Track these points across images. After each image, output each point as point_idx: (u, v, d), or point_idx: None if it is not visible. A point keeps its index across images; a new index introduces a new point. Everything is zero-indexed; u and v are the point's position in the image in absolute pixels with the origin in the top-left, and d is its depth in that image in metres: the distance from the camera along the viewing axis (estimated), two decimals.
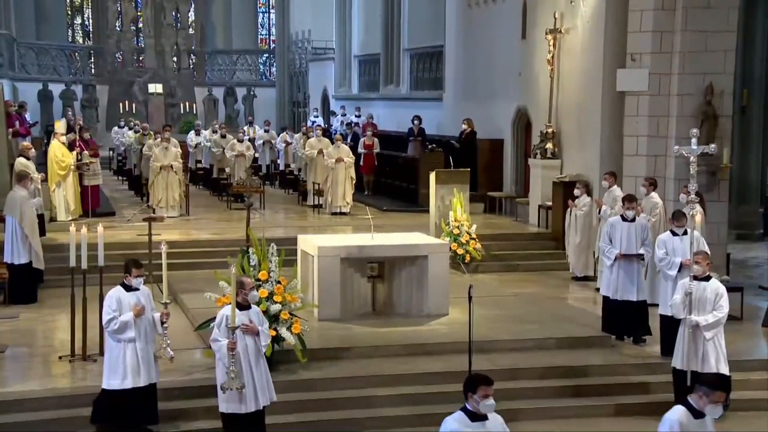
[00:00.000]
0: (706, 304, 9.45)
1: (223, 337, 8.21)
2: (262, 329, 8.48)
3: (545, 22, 18.10)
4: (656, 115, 15.24)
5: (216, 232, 16.99)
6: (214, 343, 8.31)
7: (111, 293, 8.84)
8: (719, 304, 9.46)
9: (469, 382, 6.36)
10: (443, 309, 12.06)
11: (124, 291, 8.84)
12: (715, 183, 15.13)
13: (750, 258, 17.94)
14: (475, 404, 6.25)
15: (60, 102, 36.61)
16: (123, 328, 8.67)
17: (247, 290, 8.46)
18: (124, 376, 8.67)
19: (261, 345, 8.45)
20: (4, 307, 13.03)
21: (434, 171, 16.80)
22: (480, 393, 6.23)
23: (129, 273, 8.89)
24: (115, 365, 8.70)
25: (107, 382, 8.76)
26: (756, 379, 10.78)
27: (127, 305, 8.73)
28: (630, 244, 11.47)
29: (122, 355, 8.69)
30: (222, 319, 8.32)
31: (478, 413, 6.25)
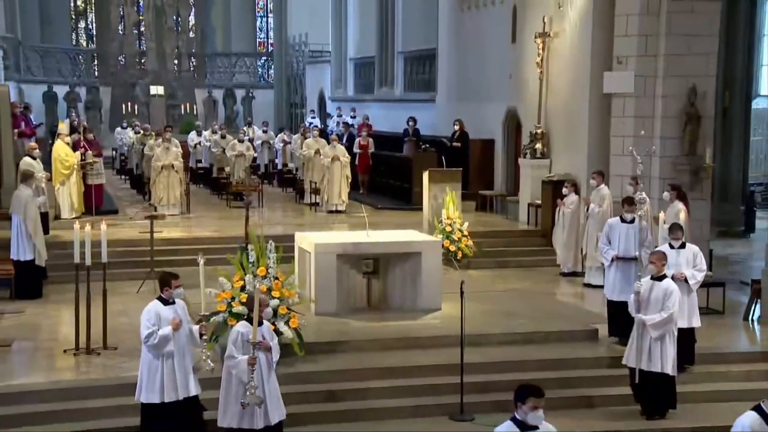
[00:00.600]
0: (657, 303, 9.39)
1: (238, 354, 8.01)
2: (273, 343, 8.32)
3: (534, 26, 18.12)
4: (642, 116, 15.27)
5: (216, 229, 16.99)
6: (230, 359, 8.07)
7: (149, 308, 8.43)
8: (666, 305, 9.37)
9: (519, 392, 6.04)
10: (436, 304, 12.08)
11: (161, 305, 8.45)
12: (698, 182, 15.17)
13: (732, 254, 17.99)
14: (524, 415, 5.98)
15: (64, 103, 36.56)
16: (163, 342, 8.30)
17: (262, 307, 8.30)
18: (162, 390, 8.36)
19: (272, 360, 8.25)
20: (11, 302, 13.02)
21: (427, 170, 16.83)
22: (529, 404, 5.95)
23: (168, 286, 8.51)
24: (153, 379, 8.37)
25: (145, 396, 8.44)
26: (736, 371, 10.84)
27: (166, 319, 8.36)
28: (628, 246, 11.32)
29: (160, 369, 8.36)
30: (237, 336, 8.11)
31: (527, 424, 5.98)
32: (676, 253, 10.47)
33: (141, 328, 8.37)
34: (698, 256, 10.51)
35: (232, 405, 8.12)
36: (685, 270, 10.36)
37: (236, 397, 8.06)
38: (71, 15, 40.90)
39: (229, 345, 8.16)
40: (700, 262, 10.54)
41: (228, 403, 8.17)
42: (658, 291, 9.44)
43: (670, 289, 9.45)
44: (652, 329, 9.37)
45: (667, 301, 9.39)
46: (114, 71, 38.76)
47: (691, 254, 10.51)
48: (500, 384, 10.05)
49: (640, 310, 9.44)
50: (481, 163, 20.65)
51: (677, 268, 10.31)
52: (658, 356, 9.39)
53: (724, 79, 19.67)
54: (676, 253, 10.46)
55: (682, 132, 15.09)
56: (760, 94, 25.59)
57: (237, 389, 8.06)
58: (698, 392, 10.37)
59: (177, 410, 8.43)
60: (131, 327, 11.64)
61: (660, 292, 9.42)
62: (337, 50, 33.82)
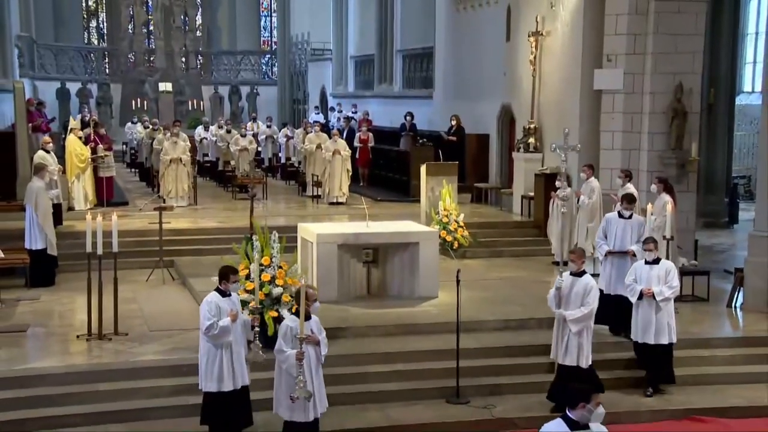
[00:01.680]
0: (578, 298, 9.20)
1: (288, 348, 7.91)
2: (321, 337, 8.18)
3: (528, 26, 18.08)
4: (630, 112, 15.23)
5: (222, 220, 16.97)
6: (280, 353, 7.97)
7: (209, 299, 8.31)
8: (587, 300, 9.16)
9: (579, 393, 5.84)
10: (433, 292, 12.07)
11: (220, 297, 8.34)
12: (684, 175, 15.15)
13: (716, 244, 18.00)
14: (587, 414, 5.76)
15: (76, 99, 36.51)
16: (223, 333, 8.19)
17: (310, 302, 8.09)
18: (221, 379, 8.27)
19: (320, 354, 8.17)
20: (26, 290, 13.01)
21: (425, 164, 16.79)
22: (594, 402, 5.78)
23: (227, 280, 8.40)
24: (212, 369, 8.27)
25: (205, 385, 8.34)
26: (721, 355, 10.84)
27: (224, 311, 8.26)
28: (624, 241, 10.97)
29: (219, 359, 8.27)
30: (286, 330, 8.01)
31: (580, 423, 5.76)
32: (649, 268, 9.91)
33: (201, 318, 8.25)
34: (671, 273, 9.88)
35: (283, 397, 8.05)
36: (655, 287, 9.77)
37: (287, 390, 7.96)
38: (83, 15, 40.87)
39: (278, 339, 8.03)
40: (672, 278, 9.86)
41: (279, 395, 8.10)
42: (578, 287, 9.20)
43: (590, 285, 9.22)
44: (573, 324, 9.16)
45: (587, 296, 9.16)
46: (124, 69, 38.76)
47: (664, 271, 9.89)
48: (494, 368, 10.07)
49: (560, 306, 9.26)
50: (476, 157, 20.63)
51: (648, 283, 9.82)
52: (575, 350, 9.20)
53: (710, 77, 19.63)
54: (649, 268, 9.91)
55: (669, 127, 15.06)
56: (744, 90, 25.57)
57: (287, 382, 7.98)
58: (684, 376, 10.36)
59: (233, 399, 8.34)
60: (141, 314, 11.68)
61: (580, 288, 9.19)
62: (338, 48, 33.77)
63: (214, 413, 8.38)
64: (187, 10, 39.67)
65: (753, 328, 11.58)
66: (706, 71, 17.85)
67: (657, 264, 9.92)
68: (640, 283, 9.87)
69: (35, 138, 19.10)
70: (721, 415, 9.58)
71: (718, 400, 9.89)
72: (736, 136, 22.44)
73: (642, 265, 9.98)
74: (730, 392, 10.11)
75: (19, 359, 9.79)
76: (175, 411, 9.04)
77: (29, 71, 34.44)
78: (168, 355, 9.97)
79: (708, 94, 19.66)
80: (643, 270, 9.92)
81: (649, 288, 9.76)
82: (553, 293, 9.36)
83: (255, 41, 42.98)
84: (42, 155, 15.27)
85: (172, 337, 10.61)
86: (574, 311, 9.21)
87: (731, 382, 10.35)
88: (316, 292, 8.40)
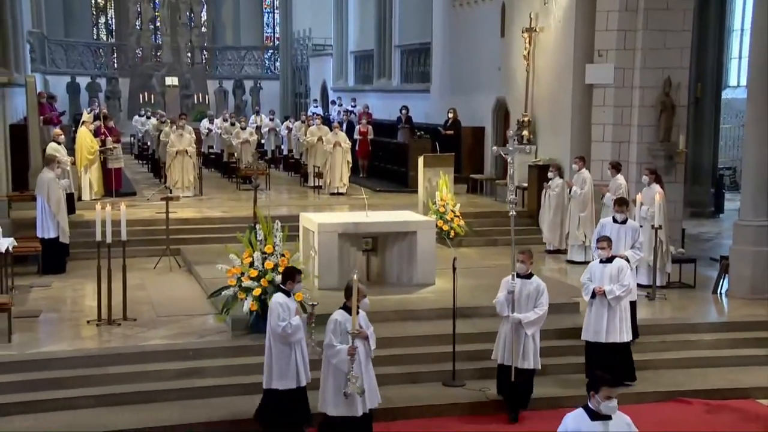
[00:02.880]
0: (530, 300, 8.91)
1: (337, 343, 7.58)
2: (370, 332, 7.84)
3: (522, 22, 18.03)
4: (620, 105, 15.23)
5: (226, 210, 16.96)
6: (329, 348, 7.61)
7: (278, 300, 8.09)
8: (540, 302, 8.89)
9: (593, 381, 5.57)
10: (430, 279, 12.07)
11: (286, 297, 8.14)
12: (672, 166, 15.16)
13: (703, 233, 18.01)
14: (597, 404, 5.50)
15: (86, 93, 36.44)
16: (296, 331, 8.01)
17: (360, 297, 7.72)
18: (296, 376, 8.09)
19: (370, 349, 7.82)
20: (38, 277, 13.02)
21: (422, 155, 16.77)
22: (602, 394, 5.47)
23: (292, 279, 8.23)
24: (287, 367, 8.05)
25: (279, 383, 8.08)
26: (707, 339, 10.87)
27: (293, 310, 8.14)
28: (618, 246, 10.31)
29: (293, 356, 8.06)
30: (335, 325, 7.66)
31: (600, 413, 5.50)
32: (602, 266, 9.46)
33: (273, 318, 8.00)
34: (623, 272, 9.42)
35: (331, 393, 7.68)
36: (606, 285, 9.33)
37: (335, 386, 7.62)
38: (92, 11, 40.76)
39: (327, 334, 7.67)
40: (624, 277, 9.39)
41: (327, 391, 7.74)
42: (529, 288, 8.91)
43: (541, 287, 8.95)
44: (528, 326, 8.85)
45: (540, 298, 8.89)
46: (132, 63, 38.70)
47: (616, 269, 9.41)
48: (489, 353, 10.03)
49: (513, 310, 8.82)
50: (472, 149, 20.61)
51: (601, 281, 9.39)
52: (531, 352, 8.89)
53: (697, 71, 19.60)
54: (603, 267, 9.46)
55: (657, 120, 15.06)
56: (730, 85, 25.55)
57: (336, 378, 7.63)
58: (671, 359, 10.40)
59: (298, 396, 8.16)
60: (149, 300, 11.69)
61: (532, 290, 8.91)
62: (338, 44, 33.67)
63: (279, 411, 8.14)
64: (192, 7, 39.59)
65: (737, 314, 11.61)
66: (694, 66, 17.83)
67: (610, 263, 9.46)
68: (594, 281, 9.44)
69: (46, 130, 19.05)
70: (706, 396, 9.61)
71: (704, 382, 9.92)
72: (722, 129, 22.44)
73: (597, 264, 9.57)
74: (714, 375, 10.13)
75: (32, 343, 9.80)
76: (180, 393, 9.05)
77: (40, 66, 34.32)
78: (174, 339, 9.98)
79: (695, 89, 19.62)
80: (597, 269, 9.52)
81: (600, 287, 9.33)
82: (505, 297, 8.89)
83: (258, 37, 42.87)
84: (54, 147, 15.25)
85: (179, 322, 10.62)
86: (528, 314, 8.85)
87: (716, 365, 10.37)
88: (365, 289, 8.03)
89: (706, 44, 20.67)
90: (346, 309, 7.70)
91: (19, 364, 9.17)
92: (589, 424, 5.46)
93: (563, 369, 9.95)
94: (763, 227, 12.19)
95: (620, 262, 9.53)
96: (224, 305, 10.08)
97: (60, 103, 27.38)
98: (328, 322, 7.76)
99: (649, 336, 10.71)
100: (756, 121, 12.29)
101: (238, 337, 10.03)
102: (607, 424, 5.47)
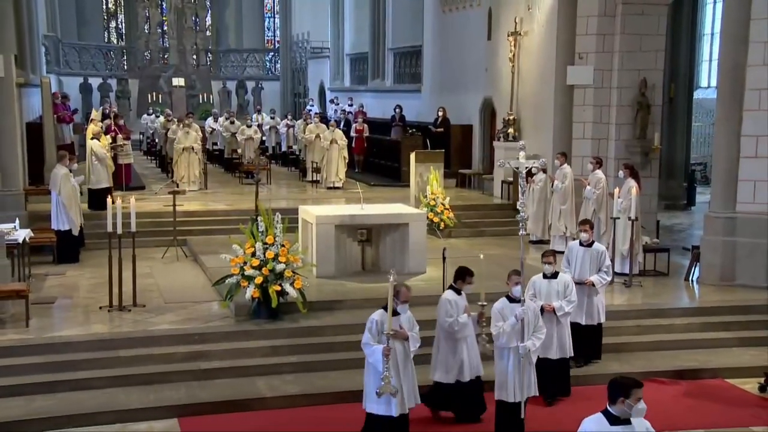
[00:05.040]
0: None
1: (375, 342, 7.20)
2: (412, 334, 7.43)
3: (507, 26, 18.02)
4: (600, 104, 15.23)
5: (230, 203, 16.93)
6: (366, 347, 7.25)
7: (450, 298, 7.92)
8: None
9: (620, 387, 5.08)
10: (421, 267, 12.08)
11: (456, 294, 8.00)
12: (647, 162, 15.19)
13: (676, 224, 18.07)
14: (627, 409, 5.03)
15: (98, 93, 36.29)
16: (463, 328, 7.91)
17: (400, 300, 7.35)
18: (459, 371, 7.98)
19: (410, 350, 7.42)
20: (54, 266, 13.00)
21: (414, 152, 16.77)
22: (634, 397, 5.06)
23: (462, 279, 8.06)
24: (452, 362, 7.97)
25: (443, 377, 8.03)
26: (679, 323, 10.90)
27: (461, 307, 7.98)
28: (584, 270, 9.57)
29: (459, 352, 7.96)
30: (372, 324, 7.27)
31: (621, 417, 5.05)
32: (547, 282, 8.72)
33: (442, 315, 7.83)
34: (569, 287, 8.71)
35: (370, 391, 7.40)
36: (555, 302, 8.63)
37: (374, 384, 7.29)
38: (103, 16, 40.57)
39: (365, 333, 7.32)
40: (571, 293, 8.70)
41: (367, 387, 7.47)
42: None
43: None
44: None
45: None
46: (141, 65, 38.55)
47: (563, 285, 8.72)
48: None
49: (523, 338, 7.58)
50: (460, 146, 20.60)
51: (547, 298, 8.64)
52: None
53: (670, 73, 19.64)
54: (548, 283, 8.72)
55: (634, 119, 15.08)
56: (701, 86, 25.59)
57: (374, 376, 7.29)
58: (645, 342, 10.44)
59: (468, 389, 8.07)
60: (157, 287, 11.68)
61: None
62: (335, 47, 33.60)
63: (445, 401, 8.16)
64: (197, 12, 39.44)
65: (707, 299, 11.65)
66: (667, 68, 17.86)
67: (555, 278, 8.74)
68: (539, 298, 8.65)
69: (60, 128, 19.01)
70: (678, 377, 9.66)
71: (676, 363, 9.96)
72: (693, 127, 22.50)
73: (540, 279, 8.78)
74: (686, 357, 10.18)
75: (48, 328, 9.81)
76: (186, 375, 9.07)
77: (55, 67, 34.19)
78: (181, 324, 9.98)
79: (669, 89, 19.68)
80: (541, 284, 8.74)
81: (549, 304, 8.59)
82: (512, 326, 7.62)
83: (259, 40, 42.73)
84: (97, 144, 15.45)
85: (185, 308, 10.63)
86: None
87: (687, 347, 10.42)
88: (408, 291, 7.55)
89: (679, 47, 20.71)
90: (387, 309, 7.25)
91: (36, 348, 9.17)
92: (609, 428, 5.05)
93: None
94: (731, 219, 12.24)
95: (565, 277, 8.87)
96: (228, 292, 10.09)
97: (73, 102, 27.29)
98: (368, 320, 7.40)
99: (626, 320, 10.76)
100: (725, 119, 12.32)
101: (241, 322, 10.05)
102: (627, 429, 5.07)
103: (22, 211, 13.61)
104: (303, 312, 10.06)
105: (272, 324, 9.95)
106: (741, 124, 12.13)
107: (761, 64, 11.85)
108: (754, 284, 11.78)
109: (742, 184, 12.18)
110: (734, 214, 12.24)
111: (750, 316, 10.99)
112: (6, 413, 8.13)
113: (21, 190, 14.24)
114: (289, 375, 9.23)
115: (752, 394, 9.28)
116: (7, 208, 13.31)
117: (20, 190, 14.19)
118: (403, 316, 7.42)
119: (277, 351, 9.58)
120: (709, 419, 8.57)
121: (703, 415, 8.70)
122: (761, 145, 11.98)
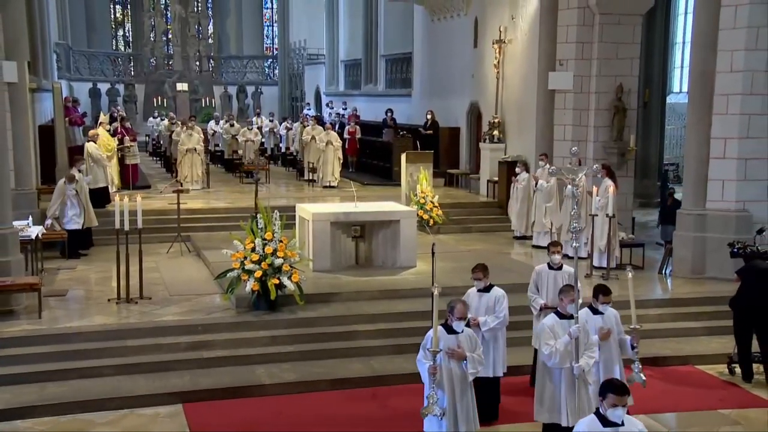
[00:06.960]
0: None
1: (428, 359, 6.13)
2: (472, 355, 6.32)
3: (492, 35, 18.04)
4: (579, 108, 15.26)
5: (231, 201, 16.91)
6: (419, 363, 6.25)
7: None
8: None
9: (602, 388, 4.84)
10: (412, 262, 12.09)
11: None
12: (624, 162, 15.23)
13: (650, 221, 18.12)
14: (604, 410, 4.80)
15: (106, 98, 36.24)
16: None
17: (453, 317, 6.34)
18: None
19: (468, 371, 6.31)
20: (65, 261, 12.97)
21: (405, 153, 16.77)
22: (608, 401, 4.76)
23: (596, 298, 7.06)
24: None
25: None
26: (652, 314, 10.94)
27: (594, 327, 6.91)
28: (556, 294, 7.78)
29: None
30: (426, 341, 6.24)
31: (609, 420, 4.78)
32: (478, 296, 7.88)
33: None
34: (499, 302, 7.84)
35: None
36: (481, 317, 7.79)
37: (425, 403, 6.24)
38: (112, 24, 40.45)
39: (421, 349, 6.33)
40: (500, 309, 7.82)
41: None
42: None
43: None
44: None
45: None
46: (147, 71, 38.46)
47: (493, 299, 7.86)
48: None
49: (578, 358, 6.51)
50: (448, 147, 20.61)
51: (477, 312, 7.78)
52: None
53: (645, 79, 19.70)
54: (479, 297, 7.88)
55: (611, 122, 15.11)
56: (673, 91, 25.65)
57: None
58: None
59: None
60: (162, 281, 11.66)
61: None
62: (330, 53, 33.56)
63: None
64: (200, 21, 39.43)
65: (679, 291, 11.71)
66: (642, 74, 17.93)
67: (488, 292, 7.89)
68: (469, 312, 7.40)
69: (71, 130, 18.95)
70: (652, 364, 9.69)
71: (651, 351, 10.01)
72: (666, 130, 22.56)
73: (474, 293, 7.93)
74: (659, 345, 10.23)
75: (60, 319, 9.79)
76: (190, 364, 9.06)
77: (66, 73, 34.07)
78: (185, 316, 9.97)
79: (643, 94, 19.73)
80: (473, 298, 7.88)
81: (475, 317, 7.71)
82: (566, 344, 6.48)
83: (259, 47, 42.66)
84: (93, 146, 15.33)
85: (189, 300, 10.62)
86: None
87: (660, 336, 10.48)
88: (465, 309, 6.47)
89: (653, 55, 20.76)
90: (445, 326, 6.37)
91: (48, 338, 9.16)
92: (601, 430, 4.78)
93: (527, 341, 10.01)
94: (701, 215, 12.29)
95: (498, 292, 7.89)
96: (229, 285, 10.08)
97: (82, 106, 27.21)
98: (425, 337, 6.36)
99: None
100: (696, 122, 12.37)
101: (241, 313, 10.04)
102: (618, 430, 4.78)
103: (34, 209, 13.55)
104: (300, 304, 10.06)
105: (271, 315, 9.96)
106: (710, 127, 12.19)
107: (729, 70, 11.91)
108: (722, 276, 11.82)
109: (711, 184, 12.24)
110: (704, 211, 12.29)
111: (718, 306, 11.00)
112: (20, 399, 8.13)
113: (34, 189, 14.20)
114: (286, 363, 9.24)
115: (719, 378, 9.35)
116: (20, 206, 13.23)
117: (33, 189, 14.14)
118: (461, 335, 6.37)
119: (276, 341, 9.58)
120: (681, 403, 8.63)
121: (675, 399, 8.76)
122: (729, 147, 12.04)
